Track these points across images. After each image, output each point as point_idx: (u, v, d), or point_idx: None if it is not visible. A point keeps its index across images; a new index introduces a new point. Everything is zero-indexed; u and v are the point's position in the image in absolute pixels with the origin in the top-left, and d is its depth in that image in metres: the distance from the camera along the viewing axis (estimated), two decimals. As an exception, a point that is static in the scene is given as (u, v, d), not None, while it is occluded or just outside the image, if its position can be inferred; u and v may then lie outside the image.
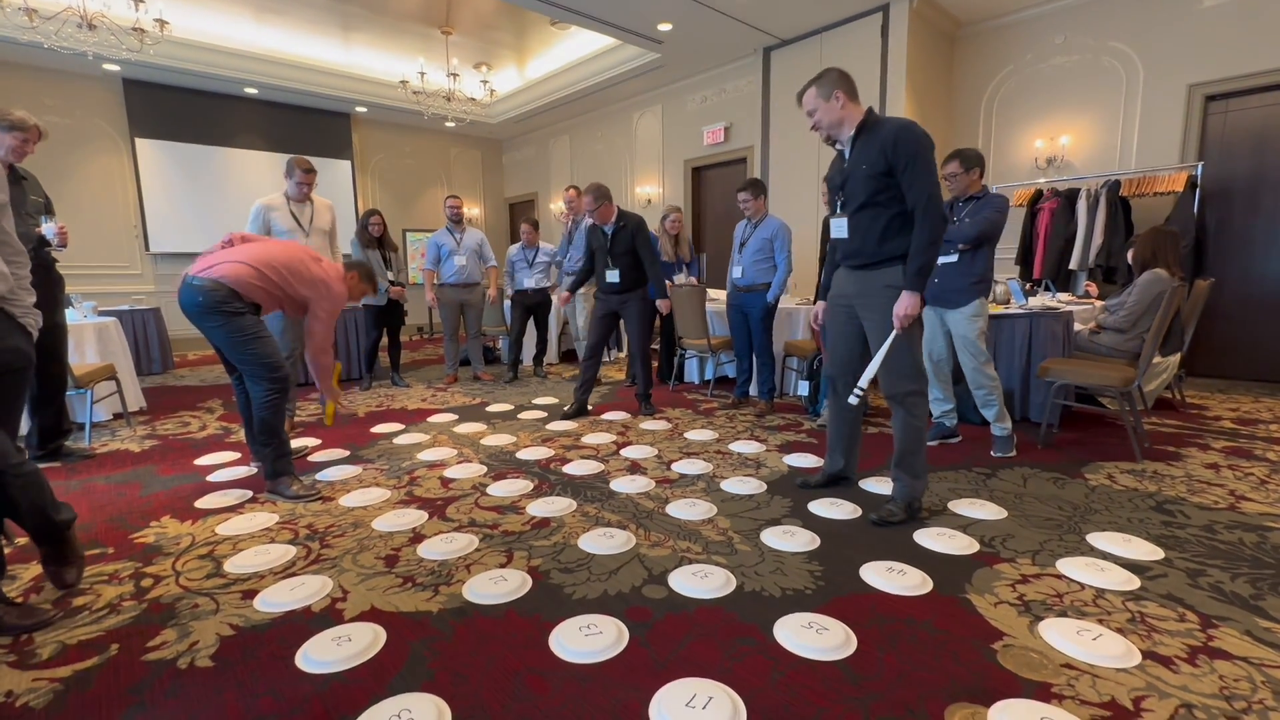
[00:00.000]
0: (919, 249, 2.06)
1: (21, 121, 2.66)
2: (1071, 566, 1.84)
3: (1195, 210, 4.49)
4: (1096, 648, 1.43)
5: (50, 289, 2.98)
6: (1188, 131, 4.74)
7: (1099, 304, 4.01)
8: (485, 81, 7.50)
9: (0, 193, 1.63)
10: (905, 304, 2.08)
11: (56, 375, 3.05)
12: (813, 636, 1.49)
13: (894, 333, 2.12)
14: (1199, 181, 4.51)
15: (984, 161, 3.00)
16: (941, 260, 2.94)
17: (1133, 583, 1.75)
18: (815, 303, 3.65)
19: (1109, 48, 5.01)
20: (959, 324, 2.99)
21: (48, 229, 2.92)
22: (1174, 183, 4.56)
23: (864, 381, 2.18)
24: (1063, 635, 1.48)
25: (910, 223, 2.10)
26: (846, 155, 2.22)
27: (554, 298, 5.65)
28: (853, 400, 2.23)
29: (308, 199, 3.79)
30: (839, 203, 2.28)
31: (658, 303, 3.90)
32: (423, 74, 6.82)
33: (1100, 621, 1.56)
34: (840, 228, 2.27)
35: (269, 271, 2.51)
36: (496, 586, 1.75)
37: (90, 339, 3.86)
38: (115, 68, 6.70)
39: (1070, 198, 5.00)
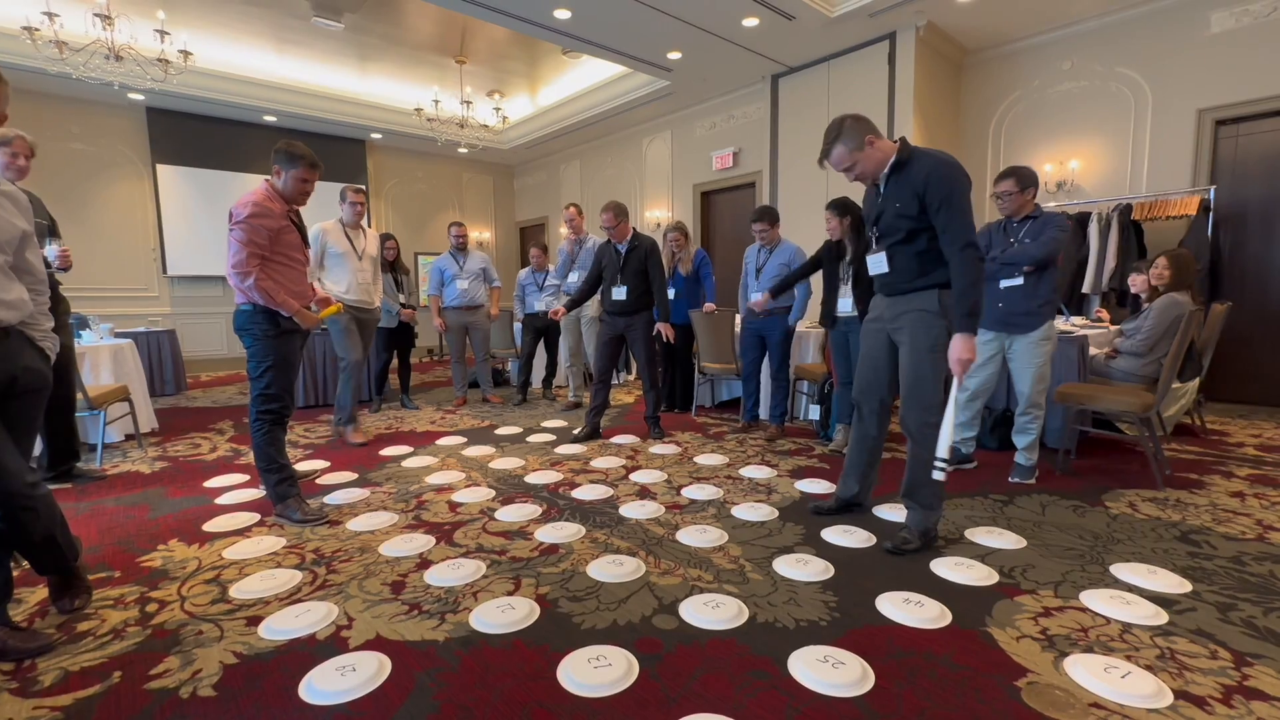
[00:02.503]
0: (963, 292, 1.98)
1: (3, 137, 2.64)
2: (1096, 599, 1.78)
3: (1209, 234, 4.45)
4: (1126, 686, 1.37)
5: (53, 311, 2.99)
6: (1199, 156, 4.72)
7: (1114, 328, 3.97)
8: (498, 109, 7.64)
9: (27, 224, 1.67)
10: (959, 348, 1.98)
11: (64, 397, 3.07)
12: (829, 671, 1.44)
13: (955, 379, 2.03)
14: (1212, 205, 4.48)
15: (1038, 180, 2.97)
16: (1005, 284, 2.89)
17: (1160, 617, 1.69)
18: (824, 326, 3.63)
19: (1117, 73, 5.04)
20: (1027, 348, 2.89)
21: (49, 251, 2.90)
22: (1186, 206, 4.54)
23: (943, 451, 2.02)
24: (1089, 672, 1.42)
25: (943, 255, 2.05)
26: (881, 189, 2.18)
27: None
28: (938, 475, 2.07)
29: (360, 222, 3.99)
30: (873, 239, 2.24)
31: (659, 326, 3.81)
32: (437, 102, 6.97)
33: (1128, 658, 1.50)
34: (878, 263, 2.22)
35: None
36: (504, 615, 1.72)
37: (105, 360, 3.90)
38: (140, 97, 6.90)
39: (1081, 221, 4.98)
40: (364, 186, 3.93)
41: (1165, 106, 4.84)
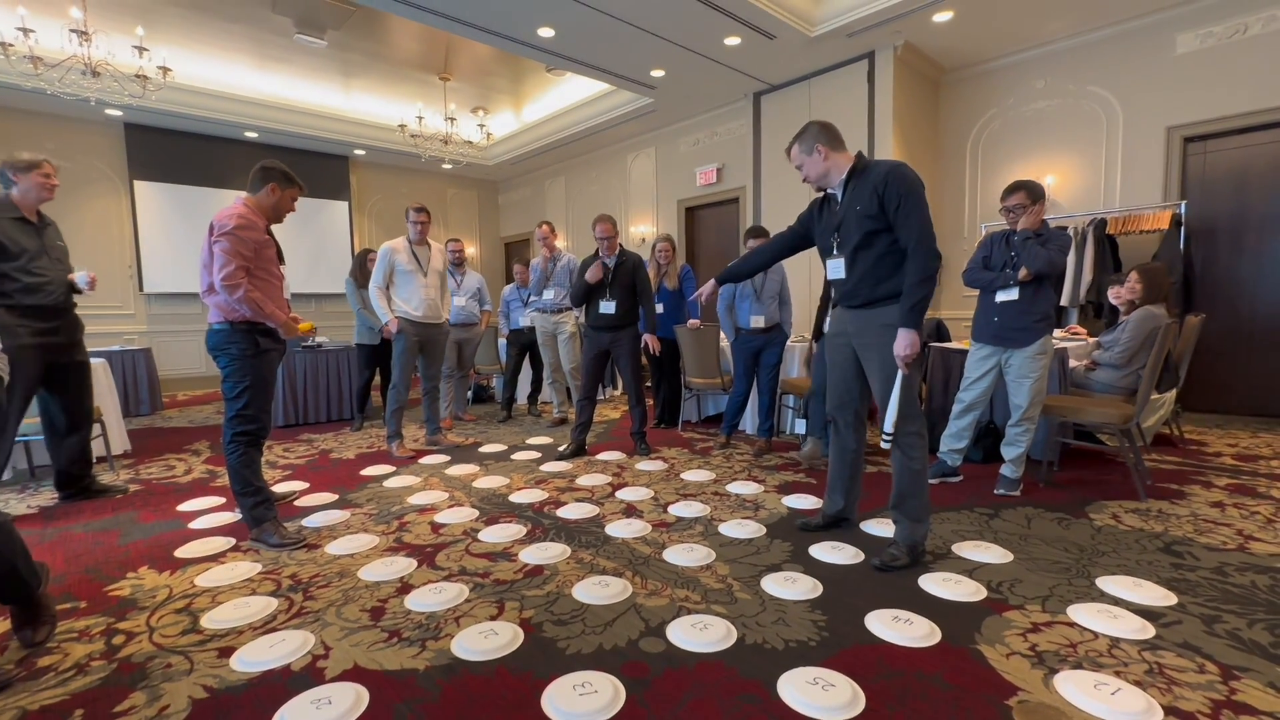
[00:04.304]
0: (912, 286, 2.06)
1: (33, 160, 2.81)
2: (1083, 613, 1.78)
3: (1181, 247, 4.55)
4: (1116, 703, 1.36)
5: (72, 332, 3.11)
6: (1169, 171, 4.85)
7: (1092, 340, 4.03)
8: (482, 125, 7.65)
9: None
10: (904, 342, 2.06)
11: (82, 415, 3.13)
12: (819, 694, 1.42)
13: (900, 374, 2.09)
14: (1183, 220, 4.59)
15: (1044, 193, 2.96)
16: (1001, 298, 2.91)
17: (1147, 630, 1.69)
18: (814, 342, 3.62)
19: (1088, 92, 5.17)
20: (1024, 362, 2.88)
21: (80, 277, 3.01)
22: (1159, 221, 4.64)
23: (889, 426, 2.12)
24: (1080, 689, 1.41)
25: (904, 262, 2.11)
26: (839, 199, 2.25)
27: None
28: (885, 446, 2.17)
29: (425, 238, 4.06)
30: (834, 244, 2.28)
31: (645, 337, 3.78)
32: (420, 118, 6.96)
33: (1117, 674, 1.49)
34: (836, 268, 2.28)
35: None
36: (486, 641, 1.67)
37: (77, 381, 3.78)
38: (117, 113, 6.81)
39: (1058, 235, 5.07)
40: (425, 206, 3.99)
41: (1135, 124, 4.97)
